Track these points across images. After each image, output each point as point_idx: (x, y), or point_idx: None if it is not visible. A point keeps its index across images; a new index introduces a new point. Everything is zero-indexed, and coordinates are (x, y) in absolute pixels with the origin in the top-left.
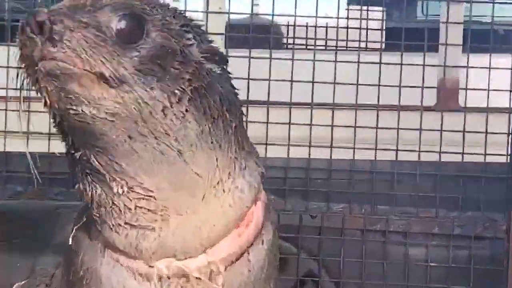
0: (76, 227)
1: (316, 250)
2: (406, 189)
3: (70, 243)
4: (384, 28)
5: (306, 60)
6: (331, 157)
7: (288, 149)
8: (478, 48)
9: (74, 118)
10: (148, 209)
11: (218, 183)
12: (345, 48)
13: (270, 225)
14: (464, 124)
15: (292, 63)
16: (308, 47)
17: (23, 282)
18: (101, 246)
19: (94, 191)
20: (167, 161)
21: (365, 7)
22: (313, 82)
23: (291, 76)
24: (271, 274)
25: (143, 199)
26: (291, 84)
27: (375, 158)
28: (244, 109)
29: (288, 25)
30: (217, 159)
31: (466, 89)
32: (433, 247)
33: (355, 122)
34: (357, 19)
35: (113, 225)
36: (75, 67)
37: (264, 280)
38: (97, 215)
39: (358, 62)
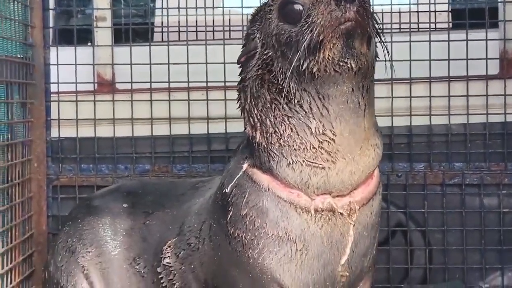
0: (237, 176)
1: (403, 204)
2: (478, 147)
3: (228, 191)
4: (450, 9)
5: (384, 42)
6: (411, 123)
7: None
8: None
9: (336, 68)
10: (326, 150)
11: (369, 138)
12: (417, 30)
13: (381, 182)
14: None
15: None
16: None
17: (175, 239)
18: (266, 186)
19: (285, 132)
20: (357, 112)
21: None
22: (391, 61)
23: None
24: (379, 222)
25: (327, 141)
26: None
27: (449, 122)
28: None
29: None
30: (372, 118)
31: None
32: (504, 196)
33: (430, 93)
34: (426, 4)
35: (292, 161)
36: (365, 29)
37: (376, 223)
38: (277, 154)
39: (430, 41)
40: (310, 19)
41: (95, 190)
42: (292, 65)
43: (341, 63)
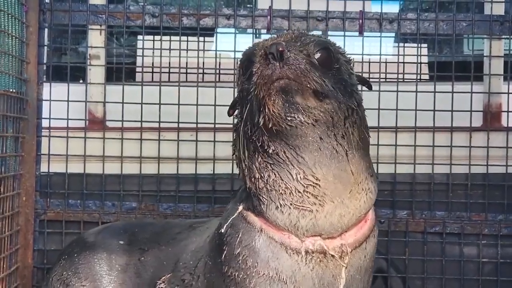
0: (232, 217)
1: (384, 250)
2: (460, 197)
3: (223, 230)
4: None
5: (372, 91)
6: (395, 171)
7: None
8: None
9: (288, 123)
10: (312, 194)
11: (360, 182)
12: (402, 80)
13: (377, 226)
14: (507, 141)
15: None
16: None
17: (169, 275)
18: (258, 227)
19: (270, 178)
20: (337, 158)
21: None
22: (379, 109)
23: None
24: (373, 266)
25: (311, 185)
26: None
27: (433, 171)
28: None
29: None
30: (362, 163)
31: (508, 111)
32: (484, 246)
33: (415, 142)
34: (414, 55)
35: (280, 205)
36: (302, 84)
37: (370, 267)
38: (265, 198)
39: (416, 91)
40: (253, 78)
41: (81, 226)
42: (254, 120)
43: (289, 118)
